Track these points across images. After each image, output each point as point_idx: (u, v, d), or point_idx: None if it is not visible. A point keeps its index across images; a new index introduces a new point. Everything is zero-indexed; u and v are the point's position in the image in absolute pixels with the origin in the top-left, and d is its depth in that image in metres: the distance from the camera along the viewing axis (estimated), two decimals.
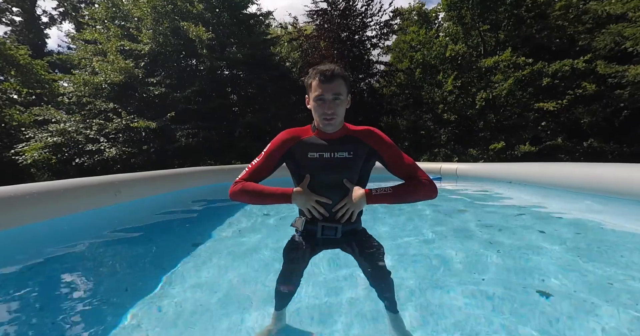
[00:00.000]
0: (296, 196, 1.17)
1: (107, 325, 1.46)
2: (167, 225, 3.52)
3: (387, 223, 3.11)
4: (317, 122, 1.18)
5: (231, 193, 1.20)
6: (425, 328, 1.37)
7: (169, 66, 11.96)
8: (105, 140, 10.15)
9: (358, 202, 1.14)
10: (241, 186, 1.19)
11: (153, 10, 11.14)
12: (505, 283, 1.78)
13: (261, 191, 1.17)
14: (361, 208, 1.18)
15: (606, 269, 1.93)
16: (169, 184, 5.30)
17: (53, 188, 3.32)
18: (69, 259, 2.40)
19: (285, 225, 2.96)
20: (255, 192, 1.17)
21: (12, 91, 12.99)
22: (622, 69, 9.74)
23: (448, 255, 2.23)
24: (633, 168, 3.90)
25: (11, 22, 19.21)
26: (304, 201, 1.16)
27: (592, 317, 1.42)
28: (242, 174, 1.24)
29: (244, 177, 1.23)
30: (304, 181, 1.18)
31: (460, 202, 4.39)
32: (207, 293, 1.74)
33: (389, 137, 1.24)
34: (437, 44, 13.39)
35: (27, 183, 3.54)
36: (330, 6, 13.66)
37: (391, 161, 1.20)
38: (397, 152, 1.21)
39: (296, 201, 1.17)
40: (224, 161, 11.36)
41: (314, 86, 1.11)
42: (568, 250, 2.28)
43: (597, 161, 9.23)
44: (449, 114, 14.06)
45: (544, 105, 11.01)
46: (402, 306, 1.42)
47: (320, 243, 1.26)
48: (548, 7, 12.36)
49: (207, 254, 2.38)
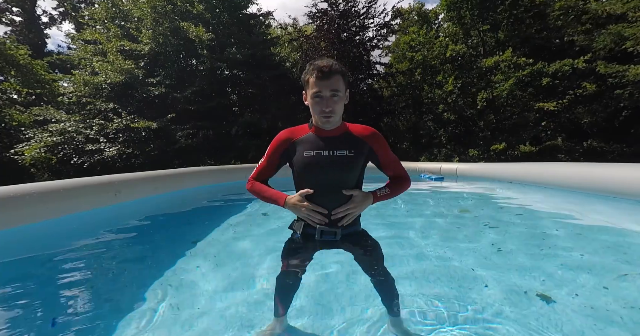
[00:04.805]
0: (289, 206, 1.17)
1: (107, 324, 1.46)
2: (167, 225, 3.52)
3: (386, 222, 3.11)
4: (316, 119, 1.16)
5: (247, 189, 1.28)
6: (425, 329, 1.37)
7: (169, 66, 11.97)
8: (105, 140, 10.15)
9: (364, 205, 1.16)
10: (250, 185, 1.27)
11: (153, 10, 11.15)
12: (506, 283, 1.78)
13: (262, 194, 1.23)
14: (364, 209, 1.19)
15: (607, 269, 1.93)
16: (168, 184, 5.29)
17: (53, 188, 3.32)
18: (69, 259, 2.40)
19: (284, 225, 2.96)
20: (259, 194, 1.24)
21: (12, 91, 12.99)
22: (622, 69, 9.73)
23: (448, 255, 2.23)
24: (633, 167, 3.90)
25: (11, 22, 19.23)
26: (296, 210, 1.16)
27: (593, 317, 1.42)
28: (253, 171, 1.30)
29: (254, 176, 1.29)
30: (304, 191, 1.15)
31: (460, 202, 4.39)
32: (207, 292, 1.73)
33: (389, 138, 1.25)
34: (437, 45, 13.39)
35: (27, 183, 3.54)
36: (331, 6, 13.67)
37: (385, 163, 1.26)
38: (391, 154, 1.26)
39: (289, 210, 1.18)
40: (223, 161, 11.37)
41: (311, 82, 1.08)
42: (568, 250, 2.28)
43: (597, 161, 9.24)
44: (449, 114, 14.06)
45: (544, 105, 11.00)
46: (401, 307, 1.42)
47: (319, 244, 1.23)
48: (547, 7, 12.35)
49: (207, 254, 2.37)
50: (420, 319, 1.43)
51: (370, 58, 14.49)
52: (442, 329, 1.36)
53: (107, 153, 9.75)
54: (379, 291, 1.29)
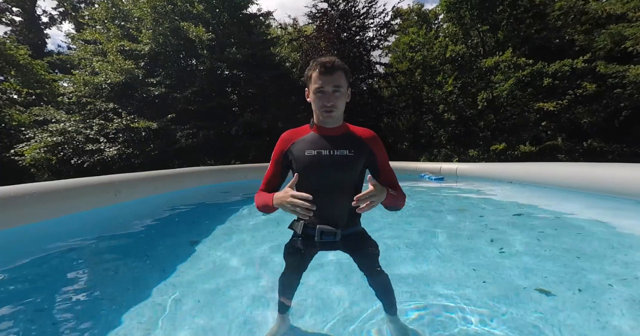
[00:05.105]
0: (276, 203, 1.04)
1: (107, 324, 1.46)
2: (167, 225, 3.52)
3: (386, 222, 3.11)
4: (317, 115, 1.16)
5: (256, 206, 1.19)
6: (424, 327, 1.37)
7: (169, 66, 11.96)
8: (105, 140, 10.15)
9: (383, 194, 1.01)
10: (256, 199, 1.18)
11: (153, 10, 11.15)
12: (506, 282, 1.78)
13: (261, 202, 1.14)
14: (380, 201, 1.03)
15: (607, 269, 1.93)
16: (168, 184, 5.30)
17: (53, 188, 3.33)
18: (69, 259, 2.40)
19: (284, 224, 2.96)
20: (260, 205, 1.15)
21: (12, 91, 12.98)
22: (622, 69, 9.73)
23: (448, 255, 2.23)
24: (633, 167, 3.90)
25: (11, 22, 19.22)
26: (279, 201, 1.02)
27: (593, 317, 1.42)
28: (261, 183, 1.23)
29: (261, 187, 1.22)
30: (291, 181, 1.05)
31: (460, 202, 4.39)
32: (207, 292, 1.74)
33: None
34: (437, 45, 13.39)
35: (27, 183, 3.54)
36: (331, 6, 13.67)
37: (383, 168, 1.21)
38: (388, 161, 1.23)
39: (276, 204, 1.04)
40: (223, 161, 11.37)
41: (314, 77, 1.09)
42: (569, 250, 2.28)
43: (597, 161, 9.23)
44: (449, 115, 14.06)
45: (544, 105, 11.01)
46: (400, 306, 1.42)
47: (318, 245, 1.22)
48: (547, 7, 12.36)
49: (207, 254, 2.38)
50: (419, 317, 1.43)
51: (370, 58, 14.50)
52: (441, 327, 1.36)
53: (107, 153, 9.75)
54: (376, 290, 1.29)
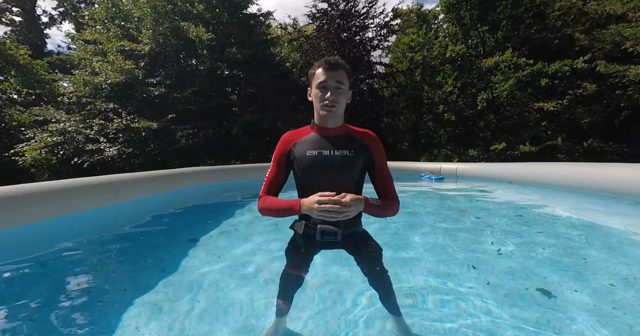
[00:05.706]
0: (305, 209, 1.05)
1: (107, 324, 1.46)
2: (167, 225, 3.52)
3: (386, 222, 3.11)
4: (318, 112, 1.16)
5: (259, 210, 1.18)
6: (427, 327, 1.37)
7: (169, 66, 11.96)
8: (105, 140, 10.15)
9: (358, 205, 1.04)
10: (261, 203, 1.16)
11: (153, 10, 11.15)
12: (507, 282, 1.78)
13: (276, 207, 1.12)
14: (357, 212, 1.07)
15: (607, 269, 1.93)
16: (168, 184, 5.30)
17: (53, 188, 3.32)
18: (69, 259, 2.40)
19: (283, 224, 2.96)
20: (272, 209, 1.13)
21: (12, 91, 12.99)
22: (622, 69, 9.72)
23: (448, 254, 2.23)
24: (633, 167, 3.90)
25: (11, 22, 19.23)
26: (308, 207, 1.03)
27: (593, 316, 1.42)
28: (262, 186, 1.22)
29: (264, 191, 1.21)
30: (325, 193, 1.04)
31: (460, 202, 4.39)
32: (206, 292, 1.74)
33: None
34: (436, 45, 13.40)
35: (27, 182, 3.54)
36: (331, 7, 13.67)
37: (379, 171, 1.20)
38: (386, 165, 1.23)
39: (305, 210, 1.05)
40: (223, 161, 11.37)
41: (317, 73, 1.13)
42: (569, 250, 2.28)
43: (597, 161, 9.24)
44: (449, 115, 14.06)
45: (544, 105, 11.01)
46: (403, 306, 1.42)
47: (319, 245, 1.22)
48: (547, 8, 12.36)
49: (207, 254, 2.38)
50: (421, 317, 1.43)
51: (371, 58, 14.50)
52: (442, 326, 1.36)
53: (107, 153, 9.75)
54: (376, 290, 1.29)
